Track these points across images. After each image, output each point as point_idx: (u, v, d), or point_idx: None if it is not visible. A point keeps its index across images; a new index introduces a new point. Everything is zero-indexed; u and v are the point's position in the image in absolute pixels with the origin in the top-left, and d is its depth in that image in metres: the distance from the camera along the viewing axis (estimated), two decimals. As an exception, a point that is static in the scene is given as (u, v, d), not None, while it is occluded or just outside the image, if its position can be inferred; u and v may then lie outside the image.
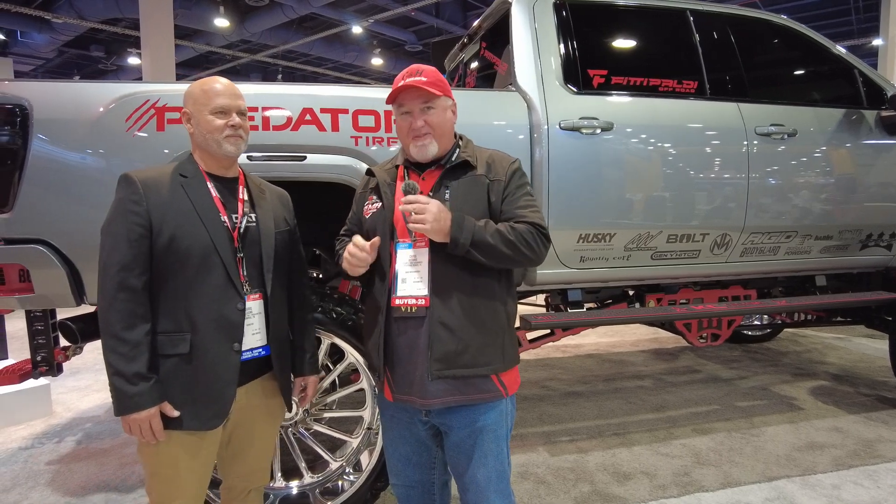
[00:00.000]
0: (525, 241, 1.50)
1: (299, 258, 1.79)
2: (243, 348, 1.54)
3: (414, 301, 1.54)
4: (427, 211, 1.45)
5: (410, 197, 1.49)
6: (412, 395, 1.57)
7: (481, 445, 1.58)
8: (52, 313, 2.36)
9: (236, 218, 1.57)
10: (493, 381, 1.57)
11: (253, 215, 1.62)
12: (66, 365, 2.44)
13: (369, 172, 1.77)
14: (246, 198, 1.63)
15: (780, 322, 4.18)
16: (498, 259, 1.51)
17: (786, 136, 2.88)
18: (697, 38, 2.89)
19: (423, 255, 1.55)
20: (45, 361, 2.32)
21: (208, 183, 1.56)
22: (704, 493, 2.63)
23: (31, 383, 3.56)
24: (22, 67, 15.59)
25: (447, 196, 1.57)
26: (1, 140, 1.99)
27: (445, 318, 1.51)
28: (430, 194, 1.58)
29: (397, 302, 1.55)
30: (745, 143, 2.81)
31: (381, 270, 1.59)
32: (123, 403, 1.41)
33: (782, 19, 3.13)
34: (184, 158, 1.61)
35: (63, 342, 2.41)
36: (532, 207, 1.59)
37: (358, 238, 1.58)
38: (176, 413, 1.46)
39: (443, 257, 1.52)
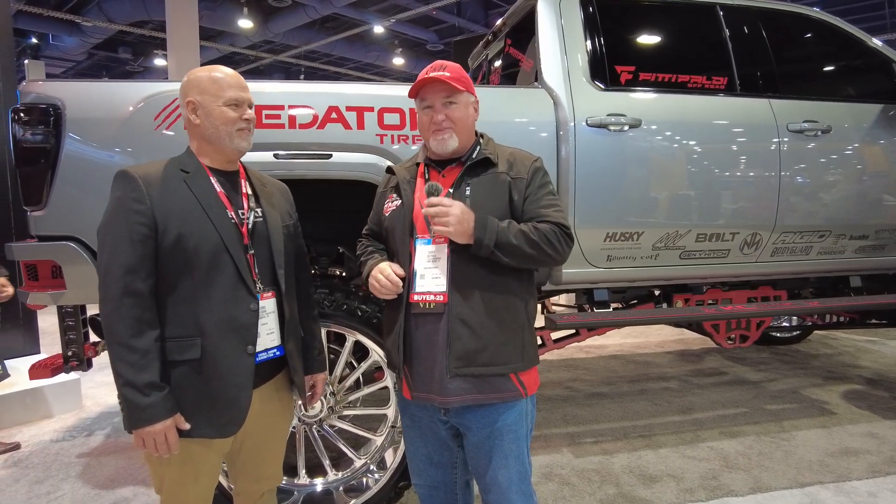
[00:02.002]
0: (548, 241, 1.49)
1: (302, 253, 1.73)
2: (258, 349, 1.47)
3: (432, 297, 1.52)
4: (450, 214, 1.44)
5: (433, 199, 1.47)
6: (431, 393, 1.55)
7: (501, 446, 1.56)
8: (83, 309, 2.40)
9: (243, 213, 1.50)
10: (513, 380, 1.55)
11: (259, 210, 1.55)
12: (94, 360, 2.48)
13: (389, 170, 1.77)
14: (249, 192, 1.56)
15: (810, 324, 4.09)
16: (521, 259, 1.50)
17: (819, 133, 2.80)
18: (727, 33, 2.83)
19: (443, 251, 1.54)
20: (76, 356, 2.36)
21: (211, 178, 1.48)
22: (733, 498, 2.57)
23: (62, 377, 3.63)
24: (53, 70, 15.97)
25: (468, 193, 1.56)
26: (35, 139, 2.03)
27: (465, 316, 1.50)
28: (451, 191, 1.57)
29: (416, 298, 1.54)
30: (777, 139, 2.74)
31: (401, 267, 1.58)
32: (136, 416, 1.32)
33: (816, 12, 3.05)
34: (181, 154, 1.52)
35: (93, 338, 2.46)
36: (555, 207, 1.57)
37: (385, 267, 1.56)
38: (187, 426, 1.39)
39: (462, 253, 1.51)
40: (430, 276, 1.53)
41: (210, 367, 1.41)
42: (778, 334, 5.17)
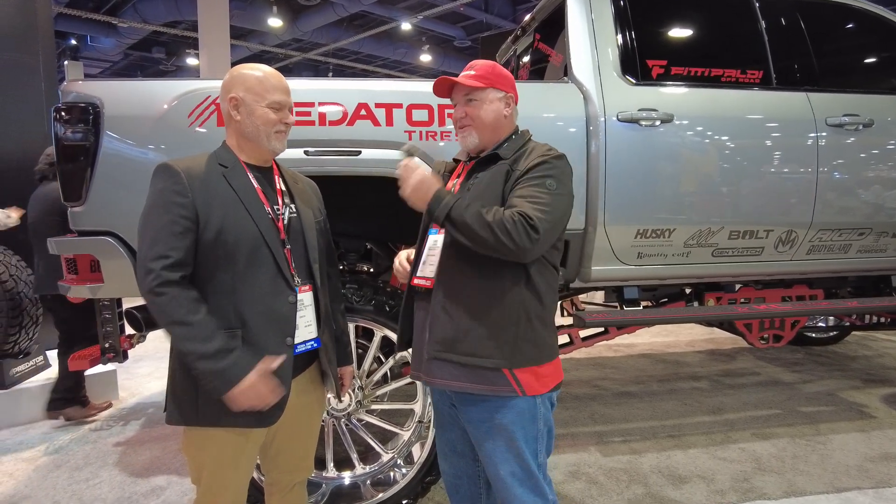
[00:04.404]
0: (503, 228, 1.40)
1: (331, 250, 1.78)
2: (296, 341, 1.51)
3: (425, 282, 1.60)
4: (407, 181, 1.48)
5: (404, 161, 1.52)
6: (421, 372, 1.62)
7: (499, 444, 1.55)
8: (119, 302, 2.47)
9: (278, 209, 1.53)
10: (506, 376, 1.51)
11: (293, 206, 1.59)
12: (130, 352, 2.55)
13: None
14: (283, 188, 1.60)
15: (848, 324, 3.96)
16: (474, 240, 1.43)
17: (860, 127, 2.71)
18: (763, 25, 2.76)
19: (442, 241, 1.59)
20: (112, 348, 2.43)
21: (248, 173, 1.51)
22: (766, 502, 2.51)
23: (99, 369, 3.75)
24: (91, 70, 16.42)
25: (470, 186, 1.60)
26: (75, 137, 2.09)
27: (445, 303, 1.53)
28: (455, 181, 1.66)
29: (415, 282, 1.64)
30: (814, 134, 2.66)
31: (416, 253, 1.69)
32: (223, 383, 1.34)
33: (857, 1, 2.94)
34: (217, 148, 1.53)
35: (129, 330, 2.52)
36: (532, 198, 1.47)
37: (402, 253, 1.71)
38: (279, 361, 1.42)
39: (453, 245, 1.53)
40: (430, 262, 1.61)
41: (251, 359, 1.42)
42: (813, 335, 5.03)
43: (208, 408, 1.42)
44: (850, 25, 2.97)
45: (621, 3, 2.59)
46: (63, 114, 2.09)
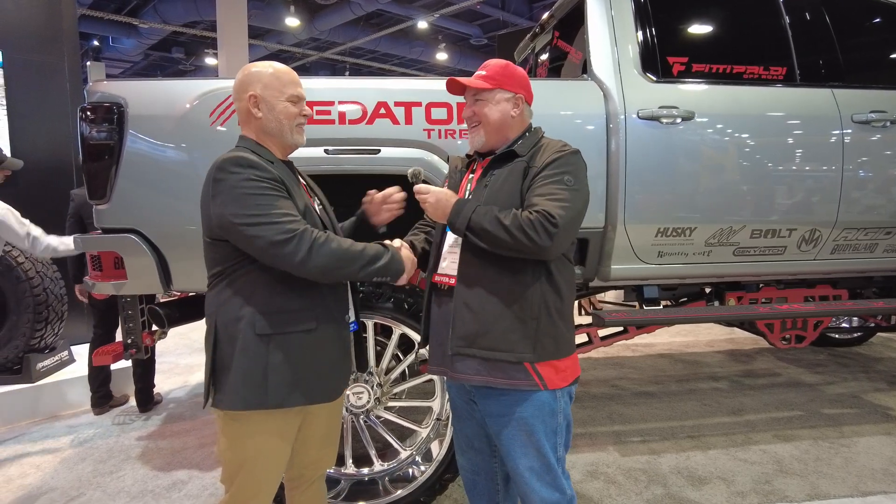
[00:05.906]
0: (521, 228, 1.44)
1: None
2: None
3: (447, 279, 1.63)
4: (426, 200, 1.58)
5: (417, 187, 1.61)
6: (444, 367, 1.64)
7: (519, 437, 1.57)
8: (142, 299, 2.50)
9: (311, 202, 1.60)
10: (528, 369, 1.53)
11: (316, 199, 1.66)
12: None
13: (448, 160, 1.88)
14: (305, 183, 1.66)
15: (873, 325, 3.89)
16: (495, 244, 1.48)
17: (888, 124, 2.65)
18: (787, 20, 2.71)
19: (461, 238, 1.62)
20: (134, 344, 2.46)
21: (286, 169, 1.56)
22: (789, 504, 2.48)
23: (122, 364, 3.81)
24: (112, 70, 16.68)
25: (487, 183, 1.62)
26: (100, 136, 2.12)
27: (468, 299, 1.55)
28: (470, 177, 1.71)
29: (437, 278, 1.67)
30: (839, 131, 2.61)
31: (435, 249, 1.72)
32: (395, 265, 1.53)
33: (883, -5, 2.88)
34: (245, 144, 1.52)
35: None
36: (552, 196, 1.49)
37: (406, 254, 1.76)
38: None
39: (471, 242, 1.56)
40: (450, 259, 1.64)
41: (322, 335, 1.52)
42: (837, 335, 4.94)
43: (279, 388, 1.44)
44: (877, 20, 2.91)
45: (642, -1, 2.57)
46: (88, 113, 2.13)
